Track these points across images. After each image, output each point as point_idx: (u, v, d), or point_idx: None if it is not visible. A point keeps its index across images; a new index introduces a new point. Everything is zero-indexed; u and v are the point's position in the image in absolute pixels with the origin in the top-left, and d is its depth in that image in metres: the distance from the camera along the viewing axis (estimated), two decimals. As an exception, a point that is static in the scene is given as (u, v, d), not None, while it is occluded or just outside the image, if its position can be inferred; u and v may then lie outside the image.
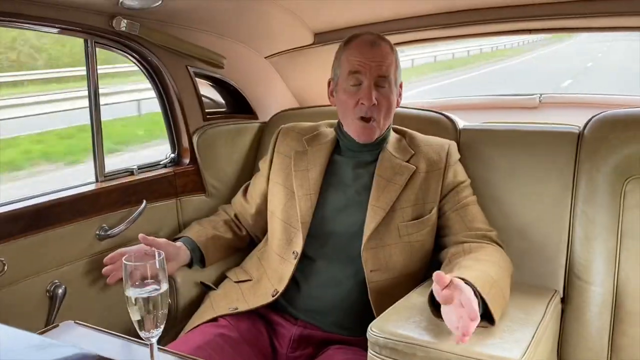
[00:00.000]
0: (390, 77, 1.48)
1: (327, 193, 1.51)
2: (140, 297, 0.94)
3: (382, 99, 1.46)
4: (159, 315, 0.95)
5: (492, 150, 1.66)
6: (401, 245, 1.44)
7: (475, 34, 2.17)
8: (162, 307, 0.95)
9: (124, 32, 1.65)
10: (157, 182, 1.83)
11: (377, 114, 1.47)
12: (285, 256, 1.50)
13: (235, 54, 2.08)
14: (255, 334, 1.42)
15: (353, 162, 1.53)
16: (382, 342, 1.18)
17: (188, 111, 1.92)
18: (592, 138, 1.55)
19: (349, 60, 1.48)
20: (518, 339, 1.18)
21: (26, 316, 1.50)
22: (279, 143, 1.65)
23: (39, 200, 1.55)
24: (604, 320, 1.46)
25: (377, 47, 1.48)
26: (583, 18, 1.87)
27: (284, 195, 1.55)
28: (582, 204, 1.53)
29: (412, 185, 1.48)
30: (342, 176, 1.52)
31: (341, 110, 1.53)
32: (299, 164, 1.55)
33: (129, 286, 0.95)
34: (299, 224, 1.47)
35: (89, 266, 1.63)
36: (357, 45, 1.49)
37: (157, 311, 0.95)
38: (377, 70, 1.45)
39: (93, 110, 1.68)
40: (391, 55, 1.50)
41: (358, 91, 1.46)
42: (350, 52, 1.49)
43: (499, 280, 1.26)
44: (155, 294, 0.94)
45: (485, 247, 1.42)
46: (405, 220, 1.46)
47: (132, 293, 0.95)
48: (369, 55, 1.46)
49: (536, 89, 4.36)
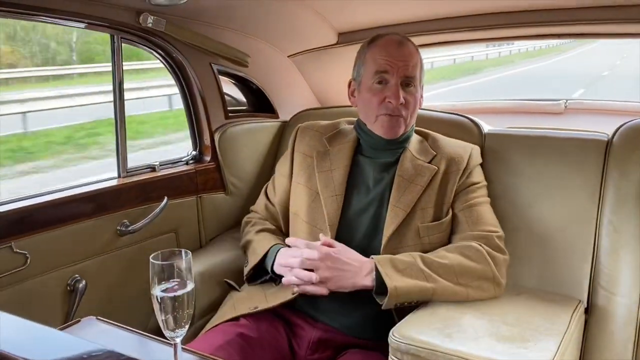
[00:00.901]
0: (416, 76, 1.48)
1: (351, 194, 1.49)
2: (166, 296, 0.93)
3: (409, 98, 1.47)
4: (185, 315, 0.94)
5: (517, 155, 1.64)
6: (420, 247, 1.43)
7: (498, 38, 2.15)
8: (188, 307, 0.94)
9: (150, 28, 1.65)
10: (178, 179, 1.83)
11: (405, 112, 1.47)
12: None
13: (259, 52, 2.07)
14: (275, 335, 1.41)
15: (375, 164, 1.51)
16: (404, 348, 1.17)
17: (210, 109, 1.92)
18: (622, 146, 1.52)
19: (375, 59, 1.47)
20: (543, 348, 1.17)
21: (47, 310, 1.51)
22: (298, 142, 1.63)
23: (61, 194, 1.55)
24: (629, 332, 1.43)
25: (403, 46, 1.47)
26: (608, 24, 1.84)
27: (307, 196, 1.53)
28: (609, 213, 1.50)
29: (432, 186, 1.47)
30: (365, 177, 1.50)
31: (364, 109, 1.52)
32: (322, 165, 1.54)
33: (155, 285, 0.94)
34: (327, 226, 1.46)
35: (110, 261, 1.64)
36: (383, 44, 1.48)
37: (183, 311, 0.94)
38: (404, 70, 1.45)
39: (117, 106, 1.69)
40: (417, 56, 1.50)
41: (384, 89, 1.46)
42: (376, 50, 1.48)
43: (418, 260, 1.35)
44: (181, 294, 0.93)
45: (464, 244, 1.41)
46: (425, 221, 1.44)
47: (158, 292, 0.94)
48: (395, 55, 1.45)
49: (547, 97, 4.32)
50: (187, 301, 0.94)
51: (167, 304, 0.93)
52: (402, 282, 1.30)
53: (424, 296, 1.32)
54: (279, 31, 2.04)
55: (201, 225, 1.87)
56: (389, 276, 1.30)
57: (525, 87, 13.20)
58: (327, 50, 2.20)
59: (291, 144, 1.64)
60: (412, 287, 1.30)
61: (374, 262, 1.34)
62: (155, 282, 0.94)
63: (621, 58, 20.52)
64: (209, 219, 1.88)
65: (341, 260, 1.35)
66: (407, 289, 1.29)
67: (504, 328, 1.23)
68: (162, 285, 0.94)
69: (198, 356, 1.05)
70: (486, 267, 1.37)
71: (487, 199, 1.52)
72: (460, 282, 1.33)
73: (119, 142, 1.71)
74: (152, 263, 0.94)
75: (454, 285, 1.33)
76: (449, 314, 1.28)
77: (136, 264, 1.70)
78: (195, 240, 1.90)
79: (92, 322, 1.20)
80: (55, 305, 1.53)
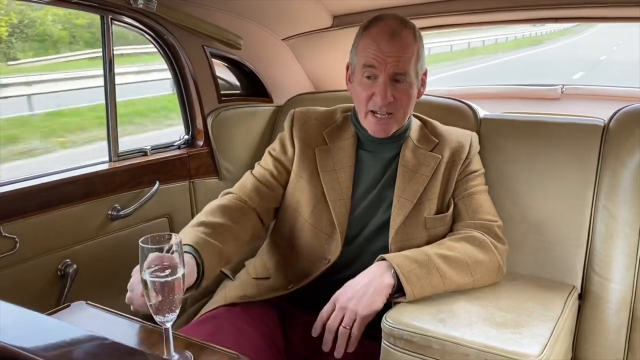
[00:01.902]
0: (408, 72, 1.38)
1: (358, 194, 1.45)
2: (157, 281, 0.92)
3: (399, 95, 1.38)
4: (175, 300, 0.93)
5: (513, 140, 1.62)
6: (426, 239, 1.41)
7: (500, 21, 2.12)
8: (178, 291, 0.93)
9: (140, 9, 1.62)
10: (170, 163, 1.82)
11: (396, 110, 1.40)
12: (314, 260, 1.44)
13: (252, 35, 2.04)
14: (268, 322, 1.40)
15: (378, 159, 1.47)
16: (397, 333, 1.16)
17: (203, 92, 1.89)
18: (618, 132, 1.51)
19: (365, 51, 1.38)
20: (536, 334, 1.16)
21: (37, 295, 1.50)
22: (296, 128, 1.53)
23: (52, 178, 1.54)
24: (622, 317, 1.43)
25: (396, 38, 1.36)
26: (610, 7, 1.82)
27: (311, 196, 1.46)
28: (605, 199, 1.49)
29: (437, 176, 1.44)
30: (369, 174, 1.47)
31: (356, 101, 1.47)
32: (325, 164, 1.47)
33: (144, 269, 0.92)
34: (335, 232, 1.42)
35: (101, 246, 1.62)
36: (375, 34, 1.38)
37: (173, 296, 0.93)
38: (393, 67, 1.36)
39: (108, 90, 1.67)
40: (412, 46, 1.37)
41: (373, 85, 1.38)
42: (367, 42, 1.39)
43: (436, 261, 1.27)
44: (171, 279, 0.92)
45: (469, 234, 1.38)
46: (432, 212, 1.42)
47: (147, 277, 0.92)
48: (386, 49, 1.35)
49: (546, 80, 4.35)
50: (177, 286, 0.93)
51: (157, 289, 0.91)
52: (420, 289, 1.25)
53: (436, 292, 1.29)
54: (272, 14, 2.01)
55: (194, 210, 1.85)
56: (409, 282, 1.24)
57: (525, 72, 13.34)
58: (321, 33, 2.17)
59: (289, 128, 1.55)
60: (428, 291, 1.26)
61: (384, 263, 1.28)
62: (145, 267, 0.92)
63: (617, 44, 20.58)
64: (202, 204, 1.85)
65: (348, 285, 1.27)
66: (424, 293, 1.26)
67: (498, 314, 1.23)
68: (152, 269, 0.92)
69: (189, 342, 1.04)
70: (493, 258, 1.36)
71: (485, 187, 1.50)
72: (472, 275, 1.32)
73: (110, 126, 1.69)
74: (141, 247, 0.92)
75: (466, 280, 1.31)
76: (443, 299, 1.27)
77: (128, 249, 1.68)
78: (189, 226, 1.88)
79: (82, 307, 1.19)
80: (46, 290, 1.52)
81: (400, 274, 1.24)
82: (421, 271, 1.26)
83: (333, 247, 1.42)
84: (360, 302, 1.22)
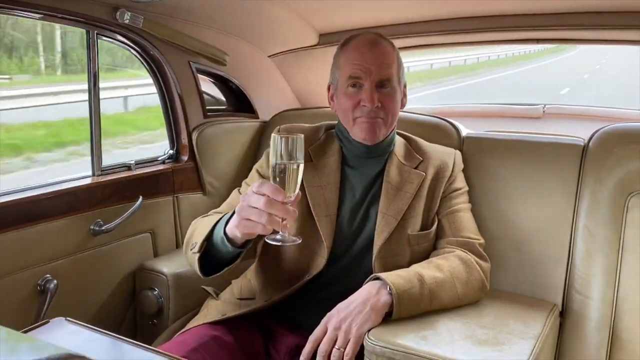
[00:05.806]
0: (392, 78, 1.42)
1: (344, 211, 1.45)
2: (278, 164, 1.12)
3: (385, 100, 1.41)
4: (291, 185, 1.14)
5: (495, 159, 1.64)
6: (409, 256, 1.41)
7: (481, 42, 2.16)
8: (294, 179, 1.14)
9: (127, 24, 1.62)
10: (154, 178, 1.80)
11: (384, 115, 1.42)
12: (297, 275, 1.43)
13: (239, 51, 2.05)
14: (251, 340, 1.39)
15: (362, 175, 1.48)
16: (380, 351, 1.16)
17: (188, 107, 1.89)
18: (598, 151, 1.54)
19: (348, 63, 1.42)
20: (517, 351, 1.17)
21: (16, 311, 1.47)
22: None
23: (33, 192, 1.51)
24: (603, 335, 1.44)
25: (376, 47, 1.41)
26: (589, 30, 1.86)
27: (298, 213, 1.46)
28: (585, 217, 1.51)
29: (421, 193, 1.45)
30: (354, 191, 1.47)
31: (342, 114, 1.48)
32: (310, 180, 1.47)
33: (273, 156, 1.13)
34: (321, 248, 1.41)
35: (82, 261, 1.60)
36: (355, 46, 1.43)
37: (290, 182, 1.14)
38: (377, 74, 1.40)
39: (92, 103, 1.66)
40: (392, 54, 1.43)
41: (358, 92, 1.41)
42: (348, 55, 1.43)
43: (428, 282, 1.29)
44: (293, 165, 1.13)
45: (453, 252, 1.39)
46: (415, 229, 1.43)
47: (273, 161, 1.13)
48: (368, 58, 1.40)
49: (534, 98, 4.42)
50: (293, 173, 1.14)
51: (278, 172, 1.13)
52: (407, 311, 1.26)
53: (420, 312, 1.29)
54: (259, 31, 2.03)
55: (178, 225, 1.84)
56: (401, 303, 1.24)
57: (509, 90, 13.64)
58: (308, 51, 2.19)
59: None
60: (414, 312, 1.27)
61: (378, 282, 1.28)
62: (275, 154, 1.12)
63: (600, 63, 21.06)
64: (186, 219, 1.85)
65: (341, 306, 1.26)
66: (410, 313, 1.27)
67: (479, 331, 1.23)
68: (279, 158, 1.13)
69: (170, 358, 1.03)
70: (477, 276, 1.37)
71: (468, 205, 1.51)
72: (457, 295, 1.33)
73: (93, 140, 1.68)
74: (273, 137, 1.13)
75: (452, 300, 1.32)
76: (425, 316, 1.28)
77: (110, 264, 1.67)
78: (172, 241, 1.87)
79: (62, 323, 1.17)
80: (25, 306, 1.49)
81: (394, 294, 1.24)
82: (414, 293, 1.26)
83: (317, 263, 1.42)
84: (355, 321, 1.21)
